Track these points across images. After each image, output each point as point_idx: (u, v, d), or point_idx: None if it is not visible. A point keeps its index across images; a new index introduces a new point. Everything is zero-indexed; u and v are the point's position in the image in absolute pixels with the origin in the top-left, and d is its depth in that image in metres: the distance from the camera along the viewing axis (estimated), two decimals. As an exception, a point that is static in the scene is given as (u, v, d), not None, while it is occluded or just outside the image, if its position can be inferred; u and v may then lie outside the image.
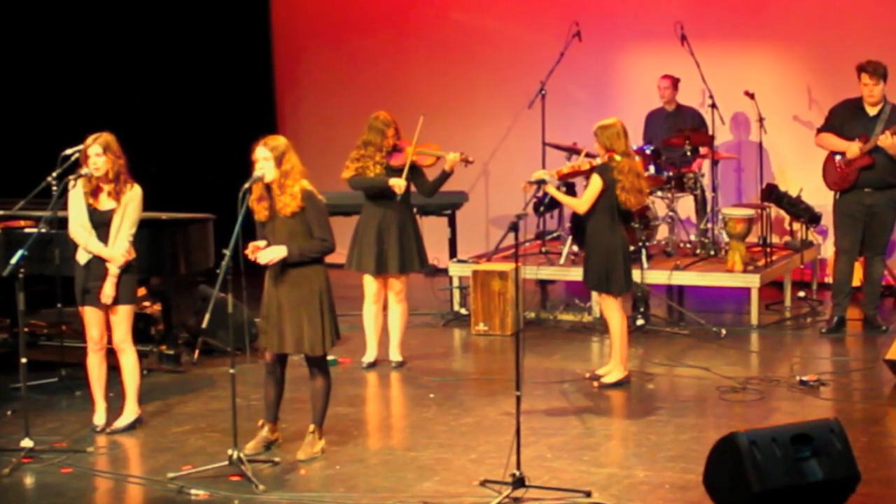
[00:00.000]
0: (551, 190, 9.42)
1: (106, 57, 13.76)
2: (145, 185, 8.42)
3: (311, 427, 7.91)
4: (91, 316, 8.37)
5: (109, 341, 8.46)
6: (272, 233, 7.71)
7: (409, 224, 9.89)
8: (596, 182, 9.17)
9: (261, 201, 7.70)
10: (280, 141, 7.73)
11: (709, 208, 12.38)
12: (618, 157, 9.16)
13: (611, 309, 9.37)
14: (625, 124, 9.36)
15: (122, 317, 8.37)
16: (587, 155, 9.69)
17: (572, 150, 11.99)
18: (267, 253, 7.63)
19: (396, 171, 9.73)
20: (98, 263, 8.27)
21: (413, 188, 9.91)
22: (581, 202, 9.27)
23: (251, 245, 7.66)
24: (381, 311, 10.09)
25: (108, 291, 8.24)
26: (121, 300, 8.32)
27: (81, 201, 8.26)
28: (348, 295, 10.82)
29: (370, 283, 9.96)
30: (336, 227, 10.03)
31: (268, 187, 7.67)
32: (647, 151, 11.96)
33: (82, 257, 8.33)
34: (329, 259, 7.92)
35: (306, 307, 7.70)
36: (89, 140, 8.23)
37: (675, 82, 12.70)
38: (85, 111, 12.77)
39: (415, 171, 9.82)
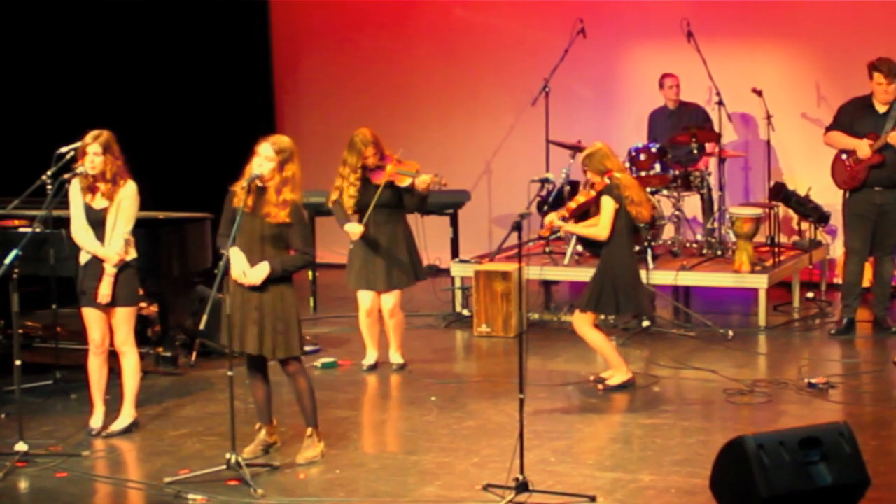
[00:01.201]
0: (569, 226, 9.36)
1: (103, 55, 13.74)
2: (142, 183, 8.40)
3: (309, 430, 7.89)
4: (91, 317, 8.35)
5: (111, 343, 8.44)
6: (246, 228, 7.60)
7: (399, 239, 9.85)
8: (609, 204, 9.13)
9: (249, 194, 7.63)
10: (287, 143, 7.65)
11: (715, 207, 12.37)
12: (617, 175, 9.19)
13: (584, 326, 9.37)
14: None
15: (124, 318, 8.36)
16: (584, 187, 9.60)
17: (576, 148, 11.99)
18: (253, 274, 7.58)
19: (375, 188, 9.70)
20: (96, 263, 8.26)
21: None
22: (601, 228, 9.18)
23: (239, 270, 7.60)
24: (377, 321, 10.07)
25: (104, 291, 8.22)
26: (121, 301, 8.30)
27: (81, 200, 8.26)
28: (349, 296, 10.81)
29: (362, 298, 9.97)
30: (335, 227, 10.05)
31: (260, 185, 7.63)
32: (653, 149, 11.95)
33: (83, 257, 8.33)
34: (327, 259, 7.92)
35: (279, 310, 7.67)
36: (89, 138, 8.21)
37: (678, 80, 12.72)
38: (81, 109, 12.75)
39: (403, 187, 9.78)
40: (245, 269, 7.58)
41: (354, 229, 9.70)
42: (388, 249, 9.80)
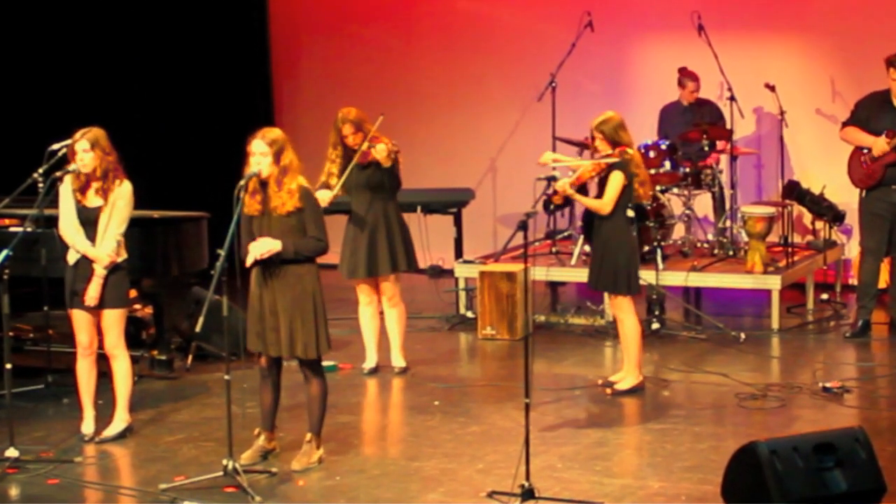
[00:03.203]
0: (574, 194, 9.29)
1: (97, 50, 13.76)
2: (137, 181, 8.41)
3: (308, 436, 7.91)
4: (79, 319, 8.36)
5: (101, 346, 8.45)
6: (264, 229, 7.66)
7: (381, 225, 9.82)
8: (618, 179, 9.13)
9: (254, 195, 7.68)
10: (278, 134, 7.73)
11: (727, 206, 12.37)
12: (630, 151, 9.19)
13: (625, 311, 9.35)
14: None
15: (113, 321, 8.36)
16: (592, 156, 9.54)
17: (584, 146, 11.99)
18: (260, 245, 7.60)
19: (361, 169, 9.71)
20: (86, 264, 8.26)
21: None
22: (605, 203, 9.16)
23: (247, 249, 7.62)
24: (376, 313, 10.08)
25: (91, 293, 8.23)
26: (110, 303, 8.30)
27: (71, 198, 8.27)
28: (347, 297, 10.82)
29: (359, 286, 10.01)
30: (335, 227, 10.02)
31: (262, 182, 7.66)
32: (663, 146, 11.95)
33: (72, 257, 8.33)
34: (327, 259, 7.93)
35: (300, 309, 7.69)
36: (77, 135, 8.24)
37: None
38: (76, 106, 12.77)
39: (384, 167, 9.77)
40: (253, 245, 7.60)
41: (323, 195, 9.70)
42: (371, 234, 9.81)
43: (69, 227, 8.29)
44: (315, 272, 7.79)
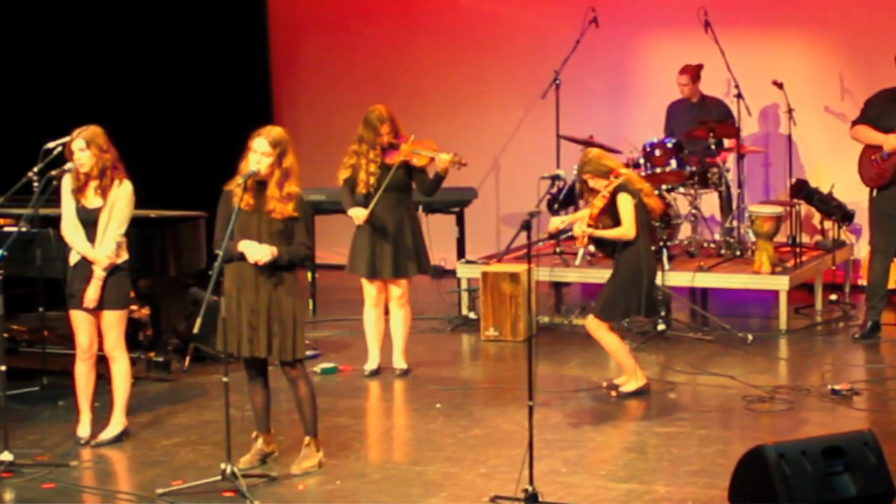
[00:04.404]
0: (599, 232, 9.17)
1: (95, 48, 13.74)
2: (136, 181, 8.39)
3: (307, 439, 7.89)
4: (79, 320, 8.34)
5: (100, 347, 8.43)
6: (248, 227, 7.63)
7: (406, 225, 9.85)
8: (626, 199, 9.08)
9: (246, 191, 7.63)
10: (282, 135, 7.67)
11: (734, 205, 12.34)
12: (623, 171, 9.18)
13: (600, 329, 9.33)
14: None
15: (113, 322, 8.34)
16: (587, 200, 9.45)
17: (588, 144, 11.96)
18: (260, 251, 7.57)
19: (386, 169, 9.71)
20: (86, 265, 8.25)
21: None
22: (626, 228, 9.08)
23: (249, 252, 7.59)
24: (383, 315, 10.07)
25: (90, 295, 8.21)
26: (110, 305, 8.29)
27: (71, 198, 8.26)
28: (350, 298, 10.81)
29: (368, 286, 9.98)
30: (335, 226, 10.01)
31: (259, 181, 7.61)
32: (669, 145, 11.92)
33: (73, 258, 8.32)
34: (327, 260, 7.93)
35: (279, 311, 7.67)
36: (74, 133, 8.23)
37: (694, 75, 12.62)
38: (74, 104, 12.72)
39: (415, 169, 9.81)
40: (253, 245, 7.56)
41: (359, 213, 9.70)
42: (395, 235, 9.80)
43: (69, 226, 8.28)
44: (294, 275, 7.78)
